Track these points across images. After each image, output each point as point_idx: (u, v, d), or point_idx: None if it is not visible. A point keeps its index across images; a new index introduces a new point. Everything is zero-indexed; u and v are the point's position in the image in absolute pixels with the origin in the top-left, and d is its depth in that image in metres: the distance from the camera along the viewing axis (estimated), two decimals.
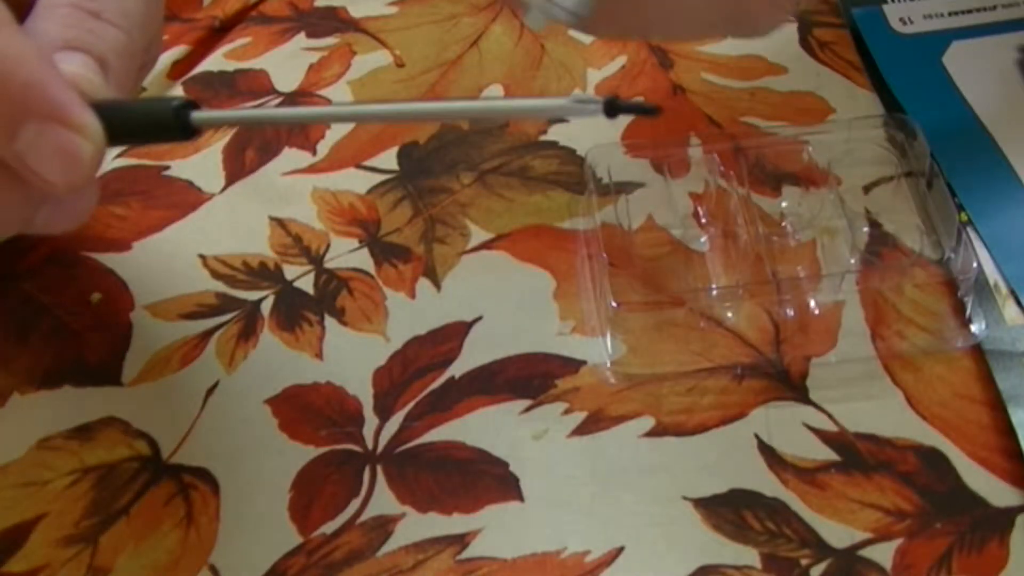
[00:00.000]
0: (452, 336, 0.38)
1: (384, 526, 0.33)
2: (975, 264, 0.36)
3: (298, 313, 0.39)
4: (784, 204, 0.40)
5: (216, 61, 0.49)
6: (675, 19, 0.24)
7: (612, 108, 0.23)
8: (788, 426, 0.34)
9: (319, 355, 0.37)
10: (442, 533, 0.33)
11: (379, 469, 0.34)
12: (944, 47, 0.45)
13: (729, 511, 0.33)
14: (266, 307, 0.39)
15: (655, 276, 0.38)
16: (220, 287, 0.40)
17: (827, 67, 0.46)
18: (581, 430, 0.35)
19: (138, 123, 0.28)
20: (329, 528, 0.33)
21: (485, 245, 0.40)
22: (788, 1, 0.23)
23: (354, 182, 0.43)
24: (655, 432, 0.35)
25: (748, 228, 0.38)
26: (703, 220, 0.40)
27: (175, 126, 0.27)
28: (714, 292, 0.38)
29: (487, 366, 0.37)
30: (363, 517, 0.33)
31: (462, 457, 0.35)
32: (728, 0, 0.23)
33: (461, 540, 0.33)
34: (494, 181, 0.43)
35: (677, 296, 0.38)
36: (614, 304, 0.37)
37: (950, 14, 0.47)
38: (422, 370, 0.37)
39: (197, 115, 0.27)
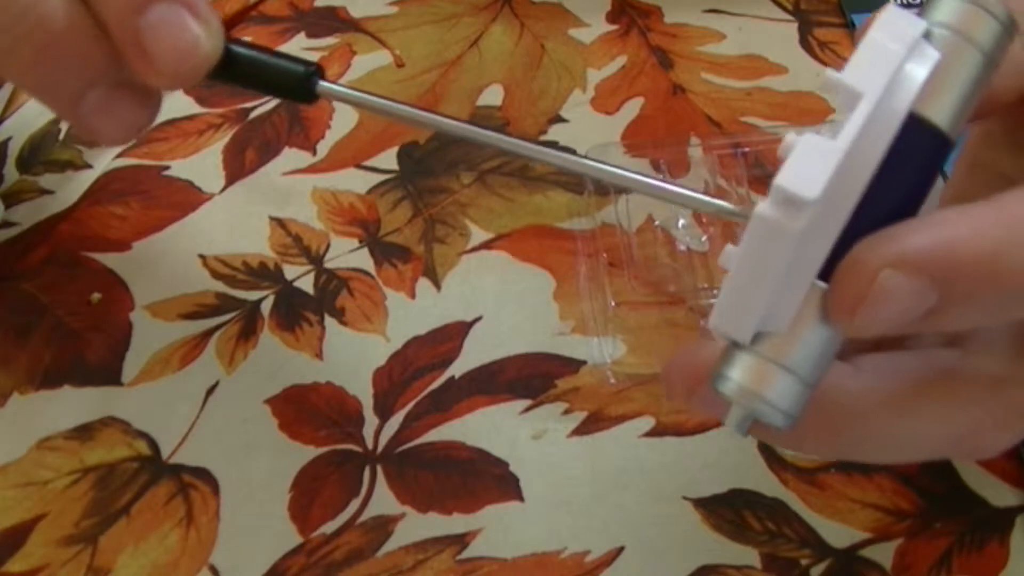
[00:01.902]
0: (452, 336, 0.38)
1: (384, 526, 0.33)
2: None
3: (298, 313, 0.39)
4: None
5: None
6: (892, 446, 0.24)
7: None
8: None
9: (319, 355, 0.37)
10: (442, 533, 0.33)
11: (379, 469, 0.34)
12: None
13: (729, 511, 0.33)
14: (266, 307, 0.39)
15: (655, 276, 0.38)
16: (220, 287, 0.40)
17: (827, 67, 0.46)
18: (581, 430, 0.35)
19: (267, 73, 0.29)
20: (329, 528, 0.33)
21: (485, 245, 0.40)
22: (1019, 422, 0.23)
23: (354, 182, 0.43)
24: (655, 432, 0.35)
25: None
26: (704, 219, 0.40)
27: (302, 88, 0.28)
28: (715, 292, 0.38)
29: (487, 366, 0.37)
30: (363, 517, 0.33)
31: (462, 457, 0.35)
32: (953, 429, 0.23)
33: (461, 540, 0.33)
34: (494, 181, 0.43)
35: (677, 296, 0.38)
36: (614, 304, 0.37)
37: None
38: (422, 370, 0.37)
39: (323, 85, 0.28)
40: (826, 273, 0.21)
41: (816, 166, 0.19)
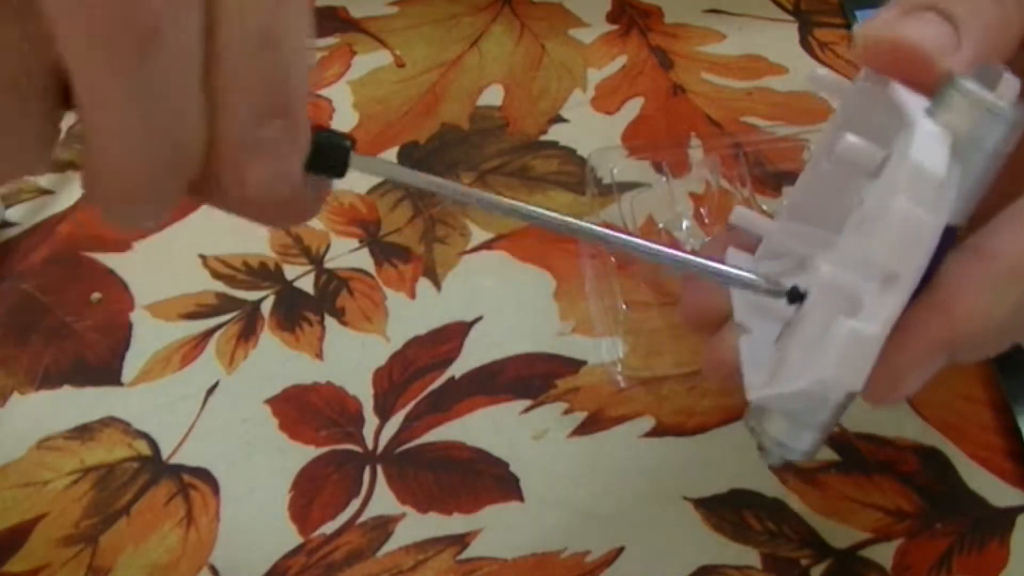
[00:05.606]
0: (452, 336, 0.38)
1: (384, 526, 0.33)
2: None
3: (298, 313, 0.39)
4: (785, 203, 0.40)
5: None
6: None
7: (795, 296, 0.25)
8: None
9: (319, 355, 0.37)
10: (442, 533, 0.33)
11: (379, 469, 0.34)
12: None
13: (729, 511, 0.33)
14: (266, 307, 0.39)
15: (657, 277, 0.38)
16: (220, 287, 0.40)
17: (827, 67, 0.46)
18: (581, 430, 0.35)
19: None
20: (329, 528, 0.33)
21: (485, 245, 0.40)
22: None
23: (354, 182, 0.43)
24: (655, 432, 0.35)
25: None
26: (706, 221, 0.40)
27: (336, 162, 0.25)
28: None
29: (487, 366, 0.37)
30: (363, 517, 0.33)
31: (462, 457, 0.34)
32: None
33: (461, 540, 0.33)
34: (494, 181, 0.43)
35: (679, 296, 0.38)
36: (624, 306, 0.37)
37: None
38: (422, 370, 0.37)
39: (355, 157, 0.25)
40: None
41: (859, 359, 0.22)
